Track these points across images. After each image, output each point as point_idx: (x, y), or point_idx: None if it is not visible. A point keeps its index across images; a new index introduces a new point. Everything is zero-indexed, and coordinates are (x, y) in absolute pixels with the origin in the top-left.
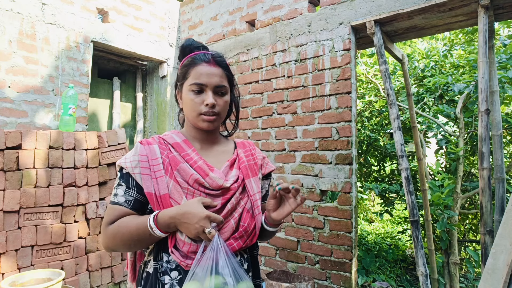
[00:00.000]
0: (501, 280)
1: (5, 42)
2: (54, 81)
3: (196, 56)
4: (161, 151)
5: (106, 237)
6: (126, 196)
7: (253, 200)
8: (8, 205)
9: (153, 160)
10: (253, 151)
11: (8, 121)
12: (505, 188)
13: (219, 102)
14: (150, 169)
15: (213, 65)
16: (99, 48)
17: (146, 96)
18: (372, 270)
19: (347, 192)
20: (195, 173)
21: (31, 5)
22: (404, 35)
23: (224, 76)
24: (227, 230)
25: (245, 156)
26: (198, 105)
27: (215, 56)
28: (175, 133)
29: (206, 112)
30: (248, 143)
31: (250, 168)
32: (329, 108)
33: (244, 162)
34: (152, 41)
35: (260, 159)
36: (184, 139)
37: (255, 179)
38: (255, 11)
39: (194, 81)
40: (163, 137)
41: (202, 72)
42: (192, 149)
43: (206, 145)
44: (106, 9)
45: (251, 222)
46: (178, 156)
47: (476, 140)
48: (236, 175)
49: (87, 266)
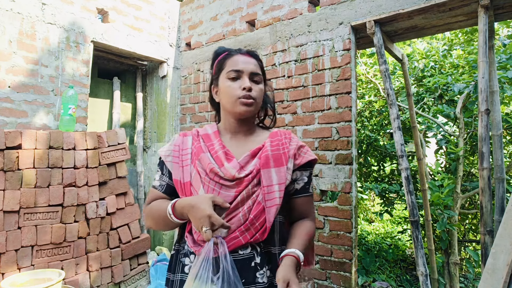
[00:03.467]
0: (501, 280)
1: (5, 42)
2: (54, 81)
3: (231, 50)
4: (192, 142)
5: (144, 216)
6: (160, 181)
7: (265, 192)
8: (8, 205)
9: (183, 150)
10: (284, 141)
11: (8, 121)
12: (505, 188)
13: (255, 88)
14: (179, 158)
15: (247, 55)
16: (99, 48)
17: (146, 96)
18: (372, 270)
19: (347, 192)
20: (212, 162)
21: (31, 5)
22: (404, 35)
23: (258, 66)
24: (235, 222)
25: (271, 145)
26: (236, 90)
27: (248, 49)
28: (210, 125)
29: (244, 96)
30: (283, 133)
31: (274, 158)
32: (329, 108)
33: (267, 151)
34: (152, 41)
35: (294, 149)
36: (215, 131)
37: (278, 170)
38: (255, 11)
39: (231, 68)
40: (198, 129)
41: (238, 61)
42: (217, 140)
43: (237, 135)
44: (106, 9)
45: (260, 214)
46: (203, 146)
47: (476, 140)
48: (255, 165)
49: (87, 266)
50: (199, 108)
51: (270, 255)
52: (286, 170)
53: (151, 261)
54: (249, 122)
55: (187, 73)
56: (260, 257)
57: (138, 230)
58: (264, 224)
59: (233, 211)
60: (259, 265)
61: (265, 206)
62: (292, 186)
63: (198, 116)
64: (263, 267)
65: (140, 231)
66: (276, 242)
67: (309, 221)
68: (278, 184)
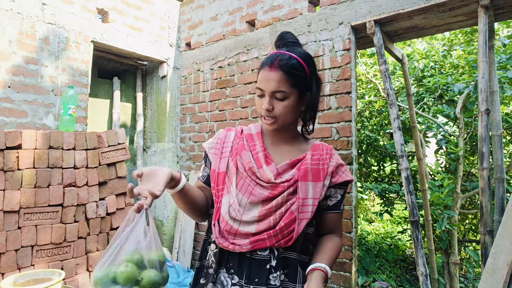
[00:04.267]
0: (501, 280)
1: (5, 42)
2: (54, 81)
3: (265, 59)
4: (235, 137)
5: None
6: (203, 172)
7: (300, 204)
8: (8, 205)
9: (225, 143)
10: (325, 156)
11: (8, 121)
12: (505, 188)
13: (277, 107)
14: (220, 150)
15: (274, 69)
16: (99, 48)
17: (146, 96)
18: (372, 270)
19: (347, 192)
20: (252, 161)
21: (31, 5)
22: (404, 35)
23: (285, 80)
24: (264, 224)
25: (311, 159)
26: (259, 108)
27: (282, 58)
28: (255, 125)
29: (264, 116)
30: (325, 147)
31: (313, 172)
32: (329, 108)
33: (307, 165)
34: (152, 41)
35: (333, 166)
36: (258, 132)
37: (315, 184)
38: (255, 11)
39: (257, 86)
40: (243, 127)
41: (262, 78)
42: (260, 141)
43: (277, 141)
44: (106, 9)
45: (291, 224)
46: (246, 145)
47: (476, 140)
48: (293, 174)
49: (87, 266)
50: (199, 108)
51: (287, 260)
52: (322, 186)
53: None
54: (288, 131)
55: (187, 73)
56: (276, 260)
57: None
58: (292, 233)
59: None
60: (273, 268)
61: (297, 217)
62: (325, 202)
63: (198, 116)
64: (277, 271)
65: None
66: (297, 249)
67: (337, 237)
68: (312, 199)
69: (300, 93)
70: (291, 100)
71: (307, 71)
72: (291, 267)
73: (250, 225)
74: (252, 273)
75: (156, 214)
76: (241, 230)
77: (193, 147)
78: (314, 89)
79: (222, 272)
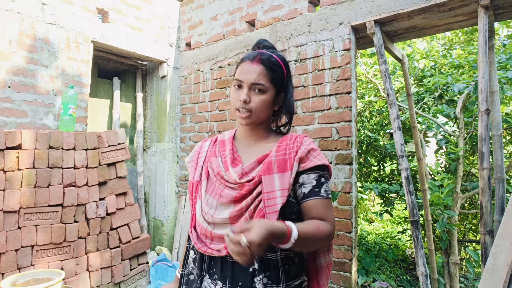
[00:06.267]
0: (501, 280)
1: (5, 42)
2: (54, 81)
3: (245, 55)
4: (209, 147)
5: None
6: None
7: (265, 198)
8: (8, 205)
9: (200, 154)
10: (293, 145)
11: (8, 121)
12: (505, 188)
13: (254, 99)
14: (195, 162)
15: (256, 62)
16: (99, 48)
17: (146, 96)
18: (372, 270)
19: (347, 192)
20: (220, 165)
21: (31, 5)
22: (404, 35)
23: (264, 74)
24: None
25: (276, 151)
26: (235, 100)
27: (263, 54)
28: (230, 131)
29: (240, 108)
30: (294, 137)
31: (278, 163)
32: (329, 108)
33: (271, 157)
34: (152, 41)
35: (302, 152)
36: (230, 137)
37: (281, 175)
38: (255, 11)
39: (236, 77)
40: (218, 136)
41: (243, 70)
42: (230, 145)
43: (249, 141)
44: (106, 9)
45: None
46: (217, 151)
47: (476, 140)
48: (258, 171)
49: (87, 266)
50: (199, 108)
51: (269, 262)
52: (290, 175)
53: (151, 261)
54: (260, 128)
55: (187, 73)
56: (257, 263)
57: (138, 230)
58: None
59: (237, 215)
60: (257, 271)
61: (265, 213)
62: (300, 191)
63: (198, 116)
64: (260, 274)
65: (140, 231)
66: (277, 250)
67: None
68: (281, 190)
69: (276, 91)
70: (268, 95)
71: (284, 72)
72: (273, 269)
73: (224, 228)
74: (235, 277)
75: (156, 214)
76: (215, 232)
77: (193, 147)
78: (289, 93)
79: (205, 278)
